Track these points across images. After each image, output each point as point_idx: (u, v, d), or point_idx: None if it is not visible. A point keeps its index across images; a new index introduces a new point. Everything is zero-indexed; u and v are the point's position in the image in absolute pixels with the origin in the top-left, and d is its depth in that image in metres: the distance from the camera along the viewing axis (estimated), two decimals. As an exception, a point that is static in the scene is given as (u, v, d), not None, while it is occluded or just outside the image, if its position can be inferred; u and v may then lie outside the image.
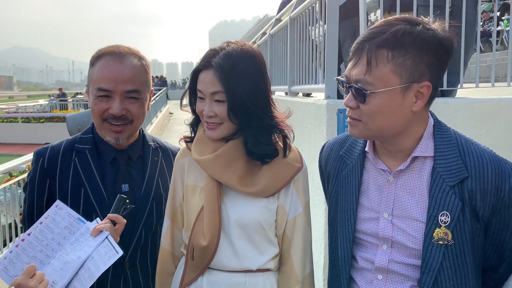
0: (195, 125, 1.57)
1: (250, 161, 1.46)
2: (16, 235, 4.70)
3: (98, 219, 1.43)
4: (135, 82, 1.54)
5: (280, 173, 1.46)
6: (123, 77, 1.51)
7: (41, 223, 1.41)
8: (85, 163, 1.57)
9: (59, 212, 1.42)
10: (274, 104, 1.49)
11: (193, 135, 1.57)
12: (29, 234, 1.39)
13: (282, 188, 1.47)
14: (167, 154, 1.75)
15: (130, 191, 1.59)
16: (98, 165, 1.58)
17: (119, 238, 1.42)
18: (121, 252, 1.32)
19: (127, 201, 1.46)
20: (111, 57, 1.53)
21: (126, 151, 1.63)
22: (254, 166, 1.46)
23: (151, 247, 1.66)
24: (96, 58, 1.56)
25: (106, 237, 1.36)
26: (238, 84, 1.38)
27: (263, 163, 1.46)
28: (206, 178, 1.47)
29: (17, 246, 1.38)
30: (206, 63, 1.42)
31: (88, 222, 1.42)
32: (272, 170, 1.45)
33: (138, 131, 1.67)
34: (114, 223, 1.41)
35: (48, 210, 1.43)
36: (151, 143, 1.71)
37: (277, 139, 1.49)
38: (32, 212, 1.60)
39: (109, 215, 1.42)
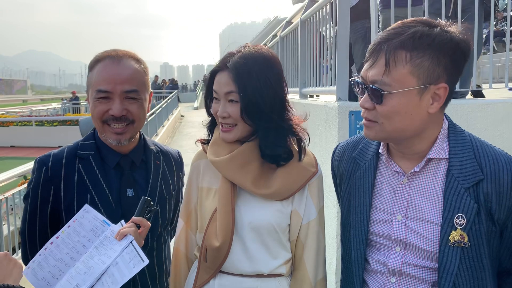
0: (212, 127, 1.58)
1: (265, 164, 1.46)
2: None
3: (122, 221, 1.43)
4: (133, 83, 1.54)
5: (295, 176, 1.46)
6: (121, 78, 1.51)
7: (69, 226, 1.42)
8: (89, 169, 1.56)
9: (86, 216, 1.43)
10: (291, 108, 1.50)
11: (209, 138, 1.57)
12: (57, 237, 1.40)
13: (296, 192, 1.47)
14: (168, 158, 1.76)
15: (135, 196, 1.58)
16: (103, 170, 1.57)
17: (143, 242, 1.41)
18: (146, 261, 1.31)
19: (152, 203, 1.46)
20: (109, 60, 1.54)
21: (129, 155, 1.62)
22: (268, 169, 1.46)
23: (157, 249, 1.67)
24: (95, 63, 1.56)
25: (131, 242, 1.35)
26: (251, 84, 1.39)
27: (278, 166, 1.46)
28: (221, 179, 1.48)
29: (46, 249, 1.39)
30: (222, 64, 1.45)
31: (113, 225, 1.41)
32: (286, 173, 1.45)
33: (139, 135, 1.67)
34: (138, 226, 1.41)
35: (77, 214, 1.43)
36: (152, 147, 1.71)
37: (292, 142, 1.49)
38: (34, 222, 1.58)
39: (134, 218, 1.42)
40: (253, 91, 1.39)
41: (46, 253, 1.38)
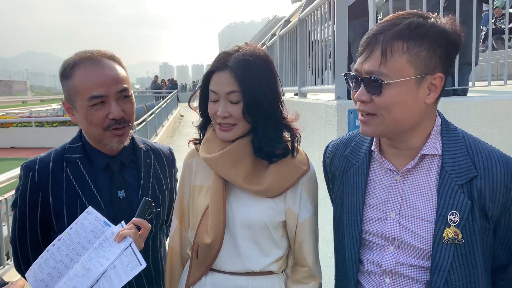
0: (203, 127, 1.58)
1: (257, 160, 1.46)
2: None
3: (123, 222, 1.40)
4: (122, 81, 1.51)
5: (286, 173, 1.47)
6: (112, 79, 1.47)
7: (71, 228, 1.40)
8: (77, 173, 1.52)
9: (88, 217, 1.41)
10: (283, 106, 1.51)
11: (201, 138, 1.58)
12: (59, 239, 1.39)
13: (287, 189, 1.47)
14: (158, 156, 1.72)
15: (126, 197, 1.56)
16: (91, 173, 1.54)
17: (143, 244, 1.39)
18: (144, 264, 1.30)
19: (153, 204, 1.44)
20: (90, 63, 1.48)
21: (118, 156, 1.58)
22: (260, 166, 1.47)
23: (152, 250, 1.65)
24: (71, 69, 1.48)
25: (130, 245, 1.34)
26: (254, 83, 1.40)
27: (270, 162, 1.46)
28: (213, 176, 1.48)
29: (47, 251, 1.38)
30: (220, 64, 1.43)
31: (113, 226, 1.40)
32: (278, 170, 1.46)
33: None
34: (139, 228, 1.39)
35: (80, 215, 1.41)
36: (142, 146, 1.68)
37: (286, 139, 1.50)
38: (24, 230, 1.55)
39: (134, 219, 1.40)
40: (256, 90, 1.40)
41: (47, 255, 1.37)
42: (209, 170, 1.49)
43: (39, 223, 1.54)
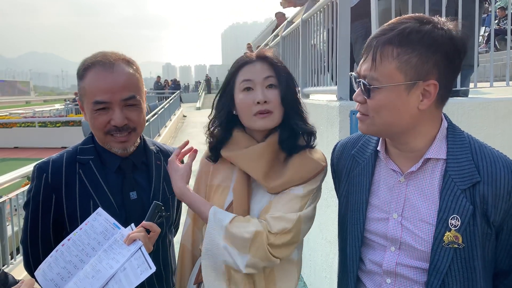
0: (217, 148, 1.56)
1: (277, 157, 1.48)
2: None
3: (132, 225, 1.41)
4: (130, 88, 1.49)
5: (306, 168, 1.46)
6: (118, 86, 1.46)
7: (81, 229, 1.41)
8: (90, 174, 1.54)
9: (98, 218, 1.42)
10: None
11: (213, 158, 1.58)
12: (68, 239, 1.40)
13: (305, 182, 1.46)
14: (168, 157, 1.70)
15: (138, 198, 1.57)
16: (104, 175, 1.55)
17: (152, 247, 1.40)
18: (154, 268, 1.30)
19: (163, 208, 1.45)
20: (101, 67, 1.48)
21: (130, 158, 1.59)
22: (278, 162, 1.48)
23: (162, 251, 1.67)
24: (84, 70, 1.50)
25: (139, 248, 1.34)
26: (285, 73, 1.49)
27: (289, 155, 1.47)
28: (236, 177, 1.49)
29: (56, 251, 1.39)
30: (249, 59, 1.50)
31: (123, 228, 1.40)
32: (298, 164, 1.46)
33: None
34: (148, 231, 1.40)
35: (89, 216, 1.42)
36: (152, 148, 1.69)
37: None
38: (36, 231, 1.55)
39: (144, 222, 1.41)
40: (288, 80, 1.49)
41: (56, 255, 1.38)
42: (228, 171, 1.51)
43: (51, 223, 1.55)
